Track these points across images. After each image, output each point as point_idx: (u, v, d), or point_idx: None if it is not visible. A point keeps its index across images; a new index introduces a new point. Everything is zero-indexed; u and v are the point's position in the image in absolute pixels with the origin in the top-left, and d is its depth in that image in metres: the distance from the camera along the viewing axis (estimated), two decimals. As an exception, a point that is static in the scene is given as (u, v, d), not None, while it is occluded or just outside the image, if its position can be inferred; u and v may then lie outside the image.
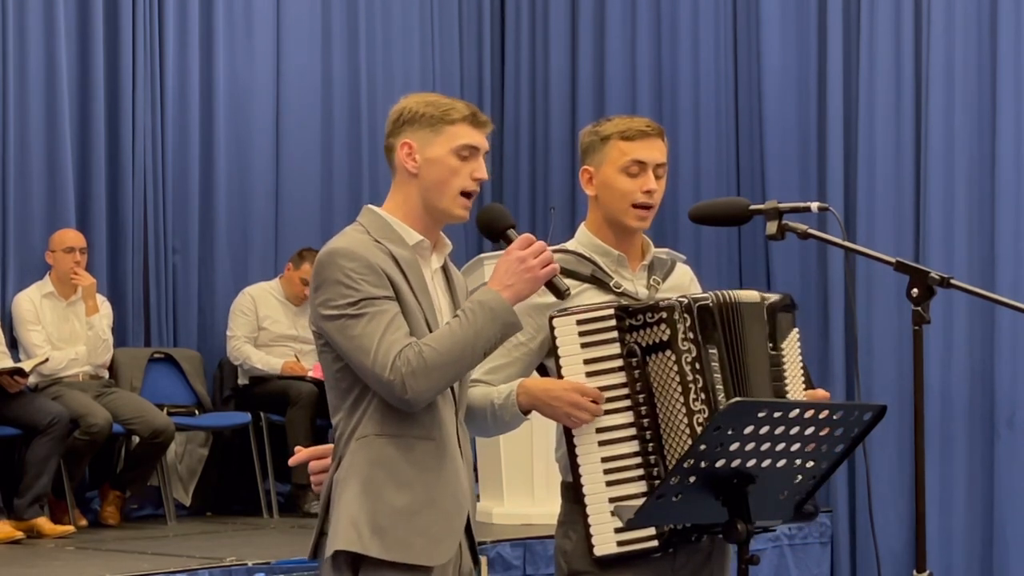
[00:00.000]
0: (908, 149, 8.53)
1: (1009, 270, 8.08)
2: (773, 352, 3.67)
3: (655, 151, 3.76)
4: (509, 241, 3.47)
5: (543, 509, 6.98)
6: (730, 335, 3.58)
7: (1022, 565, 8.01)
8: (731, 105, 9.39)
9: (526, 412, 3.62)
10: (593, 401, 3.54)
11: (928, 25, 8.42)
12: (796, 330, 3.77)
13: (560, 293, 3.47)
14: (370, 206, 3.54)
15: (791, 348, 3.73)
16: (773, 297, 3.72)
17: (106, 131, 8.64)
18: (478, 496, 7.46)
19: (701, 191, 9.19)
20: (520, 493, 7.45)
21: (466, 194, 3.48)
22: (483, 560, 6.71)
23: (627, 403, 3.57)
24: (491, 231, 3.55)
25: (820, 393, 3.75)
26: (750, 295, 3.68)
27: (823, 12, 8.89)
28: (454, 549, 3.42)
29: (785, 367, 3.69)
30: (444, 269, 3.57)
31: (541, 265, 3.41)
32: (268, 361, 8.65)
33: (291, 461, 3.62)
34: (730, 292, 3.64)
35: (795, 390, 3.68)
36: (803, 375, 3.75)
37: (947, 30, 8.38)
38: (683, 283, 3.89)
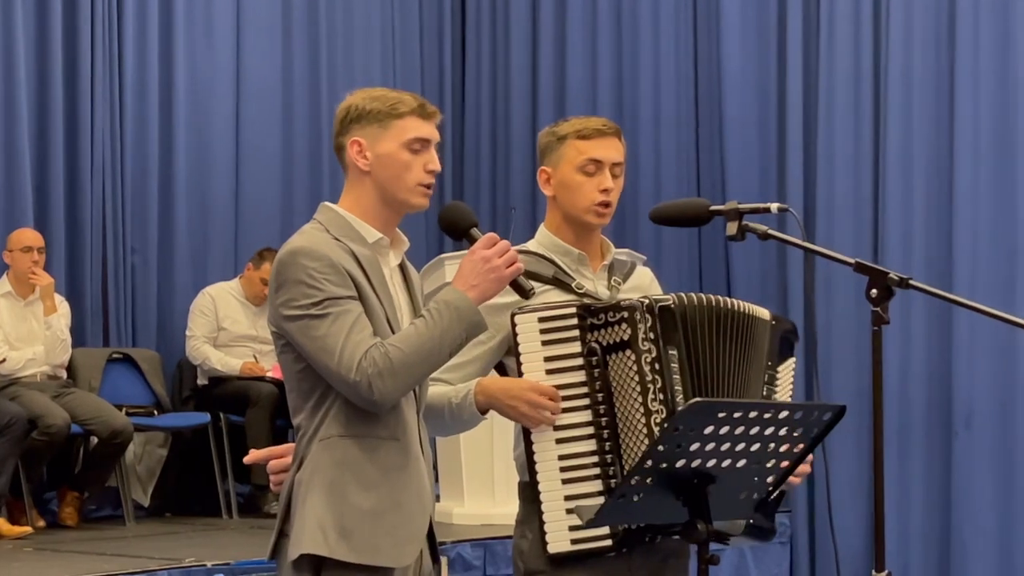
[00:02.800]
0: (867, 150, 8.58)
1: (966, 271, 8.12)
2: (770, 371, 3.71)
3: (611, 150, 3.78)
4: (472, 240, 3.45)
5: (503, 509, 6.97)
6: (694, 338, 3.59)
7: (979, 564, 8.06)
8: (691, 106, 9.42)
9: (483, 412, 3.62)
10: (551, 400, 3.55)
11: (887, 28, 8.46)
12: (794, 359, 3.81)
13: (525, 293, 3.47)
14: (327, 204, 3.51)
15: (785, 373, 3.77)
16: (781, 320, 3.79)
17: (64, 130, 8.60)
18: (438, 497, 7.48)
19: (661, 192, 9.21)
20: (480, 493, 7.45)
21: (422, 185, 3.47)
22: (444, 560, 6.70)
23: (586, 402, 3.58)
24: (454, 230, 3.54)
25: None
26: (761, 311, 3.72)
27: (783, 14, 8.92)
28: (418, 550, 3.42)
29: (777, 387, 3.73)
30: (401, 267, 3.56)
31: (506, 265, 3.40)
32: (227, 362, 8.63)
33: (247, 460, 3.59)
34: (741, 302, 3.67)
35: None
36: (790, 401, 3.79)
37: (905, 33, 8.42)
38: (644, 284, 3.91)
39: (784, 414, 3.15)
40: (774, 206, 3.75)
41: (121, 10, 8.83)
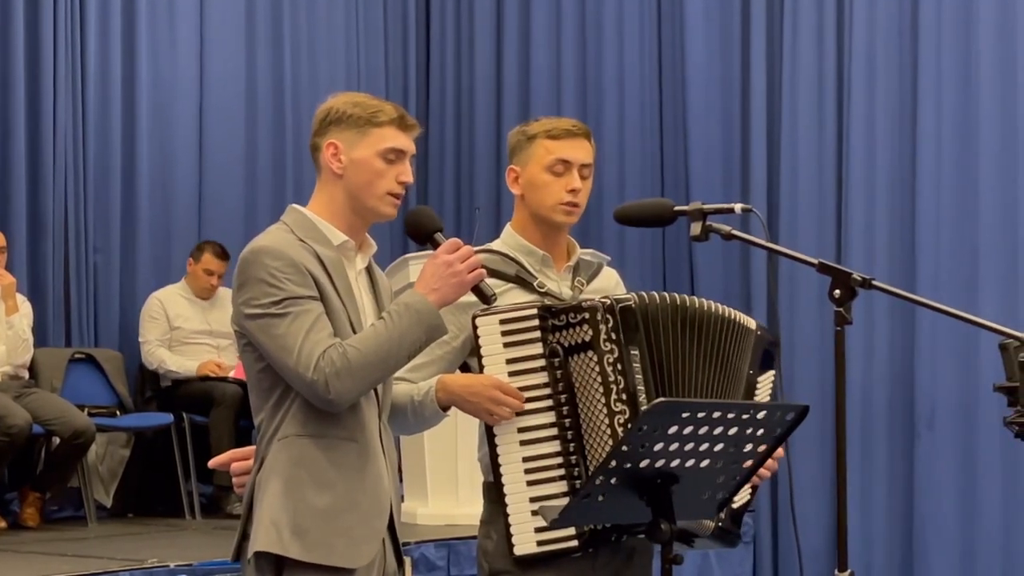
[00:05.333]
0: (830, 151, 8.61)
1: (929, 271, 8.15)
2: (750, 378, 3.73)
3: (580, 151, 3.78)
4: (436, 244, 3.47)
5: (467, 510, 6.97)
6: (656, 337, 3.60)
7: (941, 564, 8.09)
8: (655, 107, 9.43)
9: (445, 408, 3.62)
10: (514, 398, 3.55)
11: (850, 27, 8.50)
12: (773, 372, 3.82)
13: (486, 298, 3.49)
14: (295, 206, 3.52)
15: (765, 385, 3.78)
16: (767, 332, 3.80)
17: (26, 128, 8.55)
18: (401, 497, 7.46)
19: (625, 192, 9.22)
20: (444, 494, 7.44)
21: (392, 195, 3.47)
22: (407, 561, 6.69)
23: (549, 403, 3.58)
24: (419, 234, 3.56)
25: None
26: (749, 320, 3.74)
27: (746, 14, 8.95)
28: (376, 551, 3.41)
29: (757, 397, 3.76)
30: (368, 270, 3.56)
31: (468, 270, 3.42)
32: (183, 364, 8.58)
33: (211, 463, 3.59)
34: (730, 309, 3.67)
35: None
36: None
37: (869, 32, 8.45)
38: (608, 286, 3.91)
39: (747, 414, 3.16)
40: (738, 207, 3.76)
41: (84, 9, 8.79)
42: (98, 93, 8.84)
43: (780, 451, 3.70)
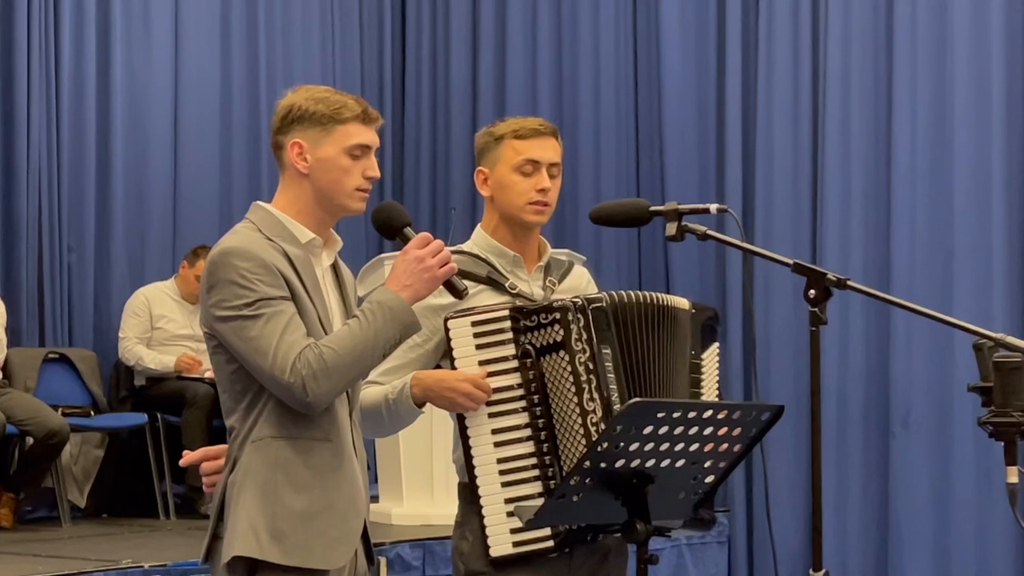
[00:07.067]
0: (805, 152, 8.62)
1: (904, 272, 8.17)
2: (694, 360, 3.72)
3: (548, 150, 3.78)
4: (406, 240, 3.44)
5: (443, 510, 6.94)
6: (627, 336, 3.60)
7: (916, 564, 8.11)
8: (631, 107, 9.44)
9: (420, 404, 3.62)
10: (484, 392, 3.56)
11: (825, 30, 8.51)
12: (717, 344, 3.82)
13: (458, 293, 3.47)
14: (260, 203, 3.48)
15: (710, 360, 3.78)
16: (702, 308, 3.79)
17: (0, 127, 8.52)
18: (377, 497, 7.46)
19: (601, 192, 9.23)
20: (419, 494, 7.43)
21: (360, 190, 3.44)
22: (382, 561, 6.69)
23: (522, 404, 3.58)
24: (387, 229, 3.53)
25: None
26: (681, 301, 3.73)
27: (722, 15, 8.96)
28: (352, 552, 3.40)
29: (703, 375, 3.74)
30: (334, 267, 3.53)
31: (439, 264, 3.38)
32: (161, 360, 8.56)
33: (182, 462, 3.56)
34: (662, 295, 3.68)
35: (709, 398, 3.74)
36: (717, 389, 3.80)
37: (844, 34, 8.47)
38: (579, 285, 3.91)
39: (722, 414, 3.16)
40: (713, 207, 3.76)
41: (58, 6, 8.76)
42: (72, 92, 8.81)
43: None
